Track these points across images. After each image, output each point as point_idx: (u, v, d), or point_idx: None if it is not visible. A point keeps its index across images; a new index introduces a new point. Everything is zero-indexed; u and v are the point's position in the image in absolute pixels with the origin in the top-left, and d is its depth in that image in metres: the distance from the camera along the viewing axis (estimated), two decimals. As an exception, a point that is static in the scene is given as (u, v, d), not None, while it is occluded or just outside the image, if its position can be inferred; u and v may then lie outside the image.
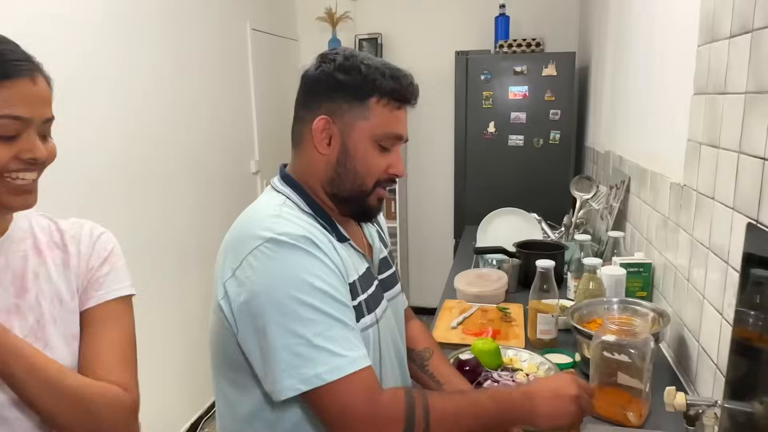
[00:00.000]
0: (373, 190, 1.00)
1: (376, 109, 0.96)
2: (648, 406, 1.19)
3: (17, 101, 0.72)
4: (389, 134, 0.98)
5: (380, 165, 0.98)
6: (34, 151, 0.75)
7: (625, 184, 2.01)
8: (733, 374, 1.04)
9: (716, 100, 1.17)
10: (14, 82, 0.72)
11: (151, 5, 2.38)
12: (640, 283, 1.63)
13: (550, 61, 3.11)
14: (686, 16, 1.40)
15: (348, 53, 0.98)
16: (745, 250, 0.97)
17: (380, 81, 0.95)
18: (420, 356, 1.21)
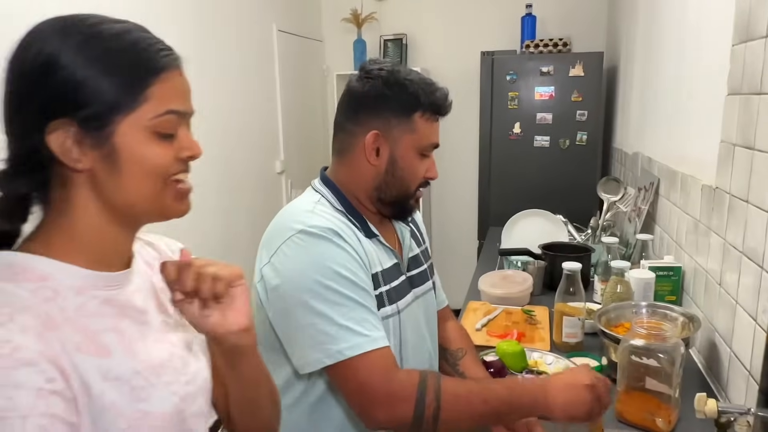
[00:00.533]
0: (414, 193, 1.11)
1: (420, 122, 1.07)
2: (677, 413, 1.17)
3: (174, 95, 0.65)
4: (430, 144, 1.10)
5: (421, 171, 1.10)
6: (193, 148, 0.67)
7: (654, 186, 1.97)
8: (767, 381, 1.01)
9: (751, 101, 1.15)
10: (169, 74, 0.65)
11: (178, 7, 2.42)
12: (669, 287, 1.60)
13: (578, 62, 3.07)
14: (720, 15, 1.36)
15: (390, 68, 1.06)
16: (781, 255, 0.95)
17: (423, 97, 1.05)
18: (453, 356, 1.26)
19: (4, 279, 0.59)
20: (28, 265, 0.61)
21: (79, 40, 0.61)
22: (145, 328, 0.69)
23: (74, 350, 0.59)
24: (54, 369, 0.55)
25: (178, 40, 2.41)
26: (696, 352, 1.45)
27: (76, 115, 0.60)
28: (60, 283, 0.62)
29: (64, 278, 0.62)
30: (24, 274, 0.60)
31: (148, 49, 0.63)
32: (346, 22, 3.85)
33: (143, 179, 0.63)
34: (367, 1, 3.88)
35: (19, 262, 0.61)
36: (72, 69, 0.59)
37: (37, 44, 0.60)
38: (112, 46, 0.61)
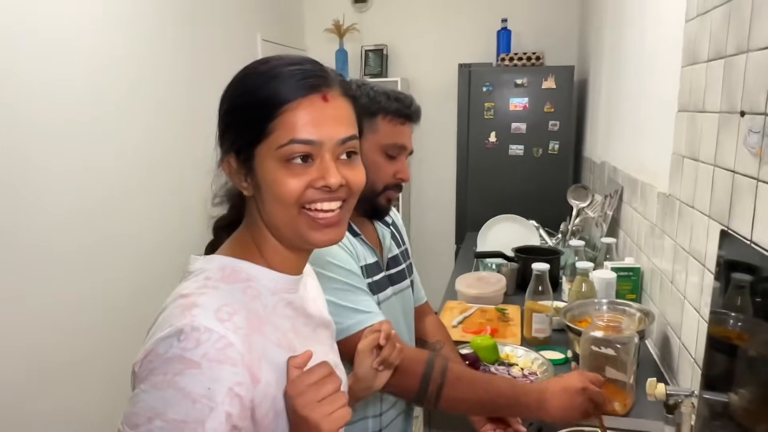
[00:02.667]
0: (383, 192, 1.20)
1: (382, 124, 1.16)
2: (632, 397, 1.29)
3: (303, 124, 0.65)
4: (394, 144, 1.18)
5: (388, 171, 1.19)
6: (326, 177, 0.66)
7: (619, 193, 2.12)
8: (709, 367, 1.14)
9: (696, 118, 1.29)
10: (297, 103, 0.66)
11: (166, 17, 2.50)
12: (629, 286, 1.74)
13: (550, 75, 3.23)
14: (672, 39, 1.51)
15: (359, 83, 1.17)
16: (719, 254, 1.08)
17: (385, 102, 1.16)
18: (432, 347, 1.35)
19: (220, 280, 0.69)
20: (236, 267, 0.71)
21: (234, 82, 0.72)
22: (311, 332, 0.79)
23: (274, 346, 0.68)
24: (247, 374, 0.63)
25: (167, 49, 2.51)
26: (651, 344, 1.59)
27: (231, 148, 0.70)
28: (260, 284, 0.71)
29: (263, 280, 0.72)
30: (234, 275, 0.70)
31: (280, 80, 0.67)
32: (328, 32, 3.96)
33: (277, 206, 0.68)
34: (349, 13, 4.00)
35: (228, 265, 0.71)
36: (226, 110, 0.72)
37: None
38: (250, 83, 0.69)
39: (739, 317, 1.01)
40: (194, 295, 0.66)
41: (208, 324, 0.62)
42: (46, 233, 1.87)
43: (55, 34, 1.89)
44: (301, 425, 0.65)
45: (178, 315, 0.64)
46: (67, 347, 1.95)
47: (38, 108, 1.84)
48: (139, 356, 0.64)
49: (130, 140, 2.27)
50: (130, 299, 2.23)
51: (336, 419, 0.65)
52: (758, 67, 0.96)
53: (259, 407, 0.65)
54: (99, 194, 2.10)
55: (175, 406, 0.59)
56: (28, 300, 1.80)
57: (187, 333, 0.61)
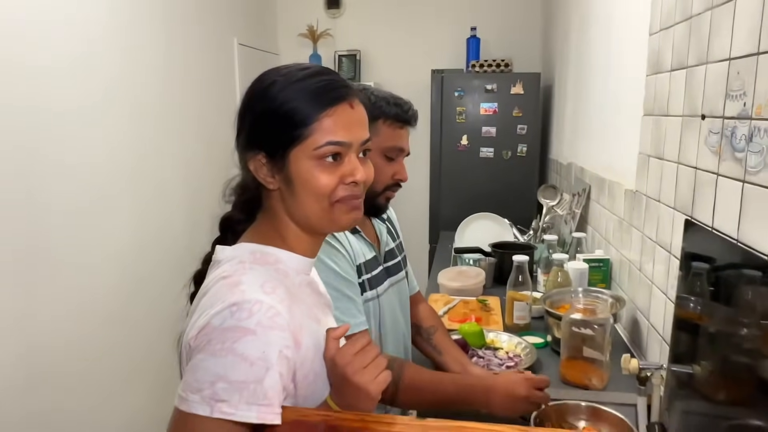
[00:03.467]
0: (382, 192, 1.30)
1: (383, 128, 1.25)
2: (608, 374, 1.43)
3: (336, 128, 0.76)
4: (393, 147, 1.27)
5: (387, 172, 1.28)
6: (354, 173, 0.77)
7: (586, 191, 2.28)
8: (675, 344, 1.29)
9: (661, 121, 1.44)
10: (332, 110, 0.76)
11: (147, 19, 2.53)
12: (600, 275, 1.89)
13: (518, 81, 3.40)
14: (637, 50, 1.67)
15: (360, 87, 1.25)
16: (683, 242, 1.23)
17: (386, 107, 1.25)
18: (426, 332, 1.47)
19: (253, 262, 0.78)
20: (264, 251, 0.80)
21: (260, 92, 0.80)
22: (323, 309, 0.88)
23: (306, 318, 0.77)
24: (291, 339, 0.72)
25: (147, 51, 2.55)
26: (621, 328, 1.73)
27: (263, 148, 0.78)
28: (287, 265, 0.81)
29: (288, 261, 0.81)
30: (264, 258, 0.79)
31: (314, 91, 0.77)
32: (302, 37, 4.03)
33: (312, 199, 0.78)
34: (323, 18, 4.09)
35: (257, 250, 0.80)
36: (256, 116, 0.79)
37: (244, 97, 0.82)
38: (282, 93, 0.77)
39: (699, 300, 1.15)
40: (236, 274, 0.75)
41: (257, 296, 0.71)
42: (41, 230, 1.88)
43: (35, 28, 1.89)
44: (351, 390, 0.74)
45: (227, 292, 0.72)
46: (70, 343, 1.96)
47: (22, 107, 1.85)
48: (192, 332, 0.72)
49: (110, 140, 2.28)
50: (119, 295, 2.25)
51: (380, 382, 0.75)
52: (716, 76, 1.11)
53: (300, 369, 0.74)
54: (83, 191, 2.12)
55: (236, 369, 0.67)
56: (27, 297, 1.81)
57: (240, 305, 0.70)
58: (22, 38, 1.82)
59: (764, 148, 0.92)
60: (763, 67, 0.93)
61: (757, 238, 0.93)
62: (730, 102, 1.05)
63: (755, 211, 0.94)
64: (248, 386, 0.67)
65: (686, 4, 1.28)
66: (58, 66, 1.99)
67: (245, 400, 0.67)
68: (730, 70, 1.05)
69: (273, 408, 0.69)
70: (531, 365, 1.48)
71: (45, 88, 1.93)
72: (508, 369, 1.48)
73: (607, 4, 2.14)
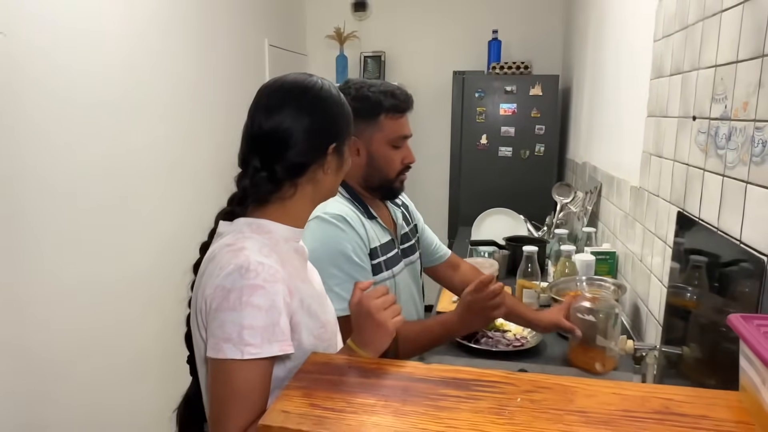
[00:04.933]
0: (396, 177, 1.44)
1: (386, 122, 1.39)
2: (615, 362, 1.51)
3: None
4: (398, 137, 1.41)
5: (397, 159, 1.42)
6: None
7: (598, 189, 2.39)
8: (667, 327, 1.40)
9: (661, 122, 1.55)
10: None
11: (180, 23, 2.72)
12: (606, 267, 2.00)
13: (537, 83, 3.50)
14: (644, 55, 1.78)
15: (357, 84, 1.40)
16: (675, 233, 1.34)
17: (384, 101, 1.37)
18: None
19: (251, 232, 0.93)
20: (259, 224, 0.95)
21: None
22: (308, 270, 1.04)
23: (295, 278, 0.92)
24: (287, 290, 0.87)
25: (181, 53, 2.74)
26: (624, 314, 1.85)
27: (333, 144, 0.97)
28: (278, 235, 0.95)
29: (279, 232, 0.96)
30: (259, 229, 0.94)
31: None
32: (329, 39, 4.20)
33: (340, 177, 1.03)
34: (350, 20, 4.24)
35: (253, 222, 0.95)
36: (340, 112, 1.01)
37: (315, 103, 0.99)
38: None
39: (688, 288, 1.27)
40: (238, 242, 0.90)
41: (259, 259, 0.86)
42: (73, 220, 2.07)
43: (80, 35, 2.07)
44: (372, 325, 0.92)
45: (233, 257, 0.87)
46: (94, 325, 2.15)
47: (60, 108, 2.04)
48: (207, 291, 0.87)
49: (148, 137, 2.46)
50: (149, 283, 2.44)
51: (396, 321, 0.94)
52: (705, 81, 1.22)
53: (294, 315, 0.90)
54: (121, 187, 2.30)
55: (255, 317, 0.83)
56: (63, 280, 2.00)
57: (246, 267, 0.85)
58: (73, 42, 2.02)
59: (739, 146, 1.04)
60: (741, 74, 1.04)
61: (732, 226, 1.05)
62: (715, 104, 1.16)
63: (731, 201, 1.06)
64: (267, 329, 0.83)
65: (683, 14, 1.39)
66: (99, 68, 2.18)
67: (267, 340, 0.83)
68: (716, 75, 1.16)
69: (288, 342, 0.85)
70: (536, 345, 1.61)
71: (88, 88, 2.12)
72: (515, 349, 1.61)
73: (619, 10, 2.25)
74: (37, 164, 1.85)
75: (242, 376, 0.82)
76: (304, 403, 0.73)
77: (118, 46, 2.26)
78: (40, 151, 1.86)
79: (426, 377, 0.81)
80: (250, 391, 0.83)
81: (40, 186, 1.87)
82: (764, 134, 0.94)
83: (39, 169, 1.86)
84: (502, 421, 0.69)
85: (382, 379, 0.80)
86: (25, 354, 1.82)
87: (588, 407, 0.71)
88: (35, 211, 1.85)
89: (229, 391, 0.83)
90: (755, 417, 0.68)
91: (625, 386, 0.77)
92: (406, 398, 0.74)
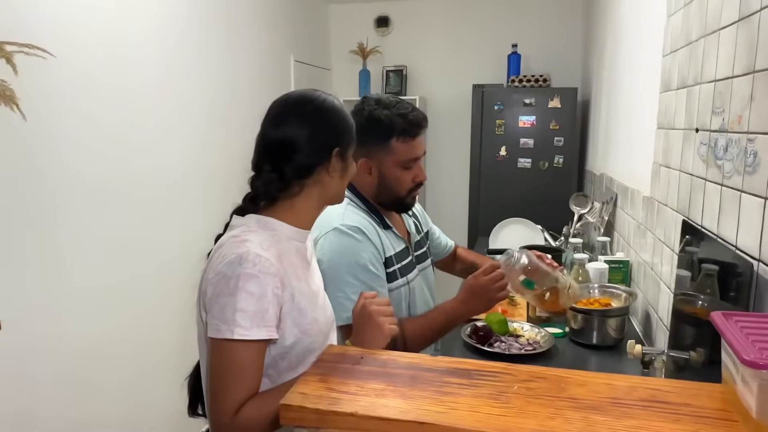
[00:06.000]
0: (407, 195, 1.52)
1: (396, 145, 1.45)
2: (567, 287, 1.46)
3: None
4: (409, 159, 1.47)
5: (407, 179, 1.49)
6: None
7: (613, 199, 2.43)
8: (674, 332, 1.45)
9: (669, 134, 1.61)
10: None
11: (213, 40, 2.87)
12: (620, 276, 2.04)
13: (555, 95, 3.56)
14: (655, 69, 1.83)
15: (372, 105, 1.46)
16: (680, 241, 1.39)
17: (395, 125, 1.43)
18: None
19: (257, 228, 1.04)
20: (266, 221, 1.06)
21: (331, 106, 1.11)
22: (308, 271, 1.12)
23: (290, 274, 1.02)
24: (280, 283, 0.98)
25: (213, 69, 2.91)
26: (636, 321, 1.89)
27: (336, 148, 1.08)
28: (281, 233, 1.06)
29: (283, 231, 1.07)
30: (265, 225, 1.05)
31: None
32: (353, 53, 4.33)
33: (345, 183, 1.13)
34: (372, 36, 4.37)
35: (261, 219, 1.06)
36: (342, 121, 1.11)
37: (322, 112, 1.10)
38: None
39: (693, 294, 1.31)
40: (243, 235, 1.01)
41: (258, 251, 0.96)
42: (126, 225, 2.21)
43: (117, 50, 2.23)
44: (371, 327, 1.03)
45: (235, 248, 0.97)
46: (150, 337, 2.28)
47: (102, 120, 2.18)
48: (209, 277, 0.98)
49: (185, 148, 2.61)
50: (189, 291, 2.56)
51: (393, 328, 1.04)
52: (706, 95, 1.28)
53: (283, 306, 0.99)
54: (156, 196, 2.44)
55: (248, 302, 0.93)
56: (93, 282, 2.13)
57: (246, 257, 0.95)
58: (125, 60, 2.17)
59: (734, 157, 1.09)
60: (736, 89, 1.10)
61: (728, 232, 1.10)
62: (714, 117, 1.22)
63: (728, 209, 1.11)
64: (257, 314, 0.94)
65: (688, 31, 1.45)
66: (144, 83, 2.33)
67: (256, 324, 0.93)
68: (715, 90, 1.22)
69: (273, 329, 0.96)
70: (548, 349, 1.67)
71: (134, 102, 2.27)
72: (527, 353, 1.66)
73: (633, 25, 2.31)
74: (74, 168, 1.99)
75: (235, 354, 0.93)
76: (320, 386, 0.82)
77: (158, 66, 2.42)
78: (78, 156, 2.01)
79: (432, 367, 0.88)
80: (242, 370, 0.94)
81: (76, 190, 2.01)
82: (756, 146, 1.00)
83: (75, 173, 2.00)
84: (499, 404, 0.76)
85: (392, 369, 0.88)
86: (62, 353, 1.95)
87: (579, 395, 0.78)
88: (68, 214, 1.99)
89: (225, 369, 0.94)
90: (733, 407, 0.73)
91: (616, 378, 0.83)
92: (413, 384, 0.82)
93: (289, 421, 0.77)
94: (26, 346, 1.79)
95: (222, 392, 0.94)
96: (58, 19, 1.89)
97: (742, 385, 0.71)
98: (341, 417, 0.75)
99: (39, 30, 1.79)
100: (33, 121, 1.62)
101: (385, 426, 0.73)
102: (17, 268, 1.76)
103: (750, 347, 0.67)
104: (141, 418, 2.31)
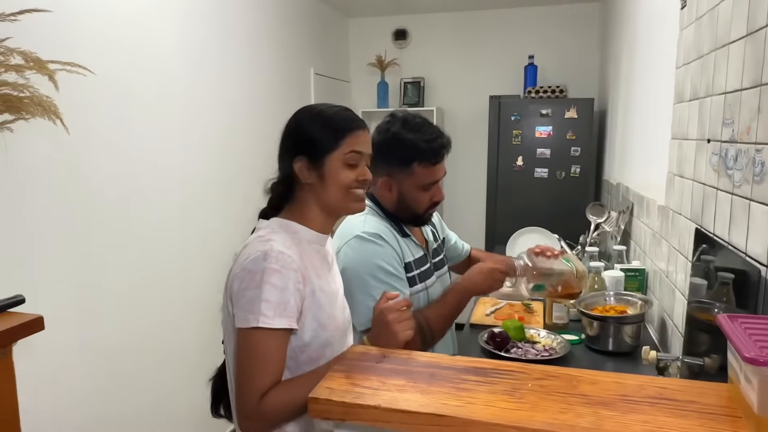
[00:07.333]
0: (424, 213, 1.58)
1: (418, 169, 1.51)
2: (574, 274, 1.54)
3: (357, 143, 1.13)
4: (429, 182, 1.53)
5: (425, 200, 1.56)
6: (366, 174, 1.17)
7: (630, 208, 2.46)
8: (688, 338, 1.47)
9: (683, 144, 1.64)
10: (355, 132, 1.13)
11: (236, 55, 2.97)
12: (636, 284, 2.07)
13: (572, 106, 3.59)
14: (669, 81, 1.87)
15: (397, 126, 1.51)
16: (693, 248, 1.42)
17: (420, 149, 1.49)
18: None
19: (280, 229, 1.12)
20: (288, 224, 1.14)
21: (309, 116, 1.16)
22: (328, 271, 1.19)
23: (311, 271, 1.09)
24: (301, 278, 1.05)
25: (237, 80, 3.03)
26: (652, 328, 1.91)
27: (306, 153, 1.12)
28: (302, 236, 1.14)
29: (303, 233, 1.15)
30: (287, 228, 1.13)
31: (344, 120, 1.15)
32: (371, 66, 4.41)
33: (337, 190, 1.13)
34: (390, 48, 4.45)
35: (283, 222, 1.15)
36: (300, 133, 1.14)
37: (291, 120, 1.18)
38: (326, 118, 1.14)
39: (706, 301, 1.34)
40: (267, 235, 1.09)
41: (281, 249, 1.04)
42: (149, 227, 2.30)
43: (145, 61, 2.34)
44: (387, 332, 1.08)
45: (260, 245, 1.05)
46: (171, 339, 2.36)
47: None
48: (236, 272, 1.05)
49: (206, 156, 2.70)
50: (210, 293, 2.64)
51: (408, 334, 1.10)
52: (717, 107, 1.32)
53: (305, 300, 1.06)
54: (178, 201, 2.53)
55: (271, 293, 1.01)
56: (133, 273, 2.22)
57: (269, 254, 1.03)
58: (152, 72, 2.27)
59: (744, 166, 1.13)
60: (745, 101, 1.14)
61: (739, 239, 1.14)
62: (725, 128, 1.26)
63: (738, 217, 1.15)
64: (280, 305, 1.01)
65: (700, 44, 1.49)
66: (170, 94, 2.43)
67: (279, 314, 1.01)
68: (725, 102, 1.26)
69: (294, 320, 1.03)
70: (564, 355, 1.70)
71: (161, 112, 2.37)
72: (543, 359, 1.70)
73: (648, 37, 2.34)
74: (107, 174, 2.09)
75: (260, 342, 1.01)
76: (345, 382, 0.87)
77: (182, 74, 2.52)
78: (111, 161, 2.10)
79: (451, 366, 0.93)
80: (267, 357, 1.01)
81: (106, 195, 2.10)
82: (763, 155, 1.04)
83: (107, 178, 2.10)
84: (513, 400, 0.80)
85: (412, 367, 0.93)
86: (93, 349, 2.03)
87: (589, 392, 0.82)
88: (100, 217, 2.08)
89: (251, 356, 1.01)
90: (738, 404, 0.77)
91: (626, 377, 0.87)
92: (432, 381, 0.87)
93: (317, 414, 0.83)
94: (62, 342, 1.88)
95: (247, 380, 1.01)
96: (93, 38, 2.00)
97: (744, 383, 0.75)
98: (365, 409, 0.80)
99: (78, 46, 1.89)
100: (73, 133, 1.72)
101: (406, 418, 0.78)
102: (55, 268, 1.86)
103: (751, 345, 0.71)
104: (166, 413, 2.38)
